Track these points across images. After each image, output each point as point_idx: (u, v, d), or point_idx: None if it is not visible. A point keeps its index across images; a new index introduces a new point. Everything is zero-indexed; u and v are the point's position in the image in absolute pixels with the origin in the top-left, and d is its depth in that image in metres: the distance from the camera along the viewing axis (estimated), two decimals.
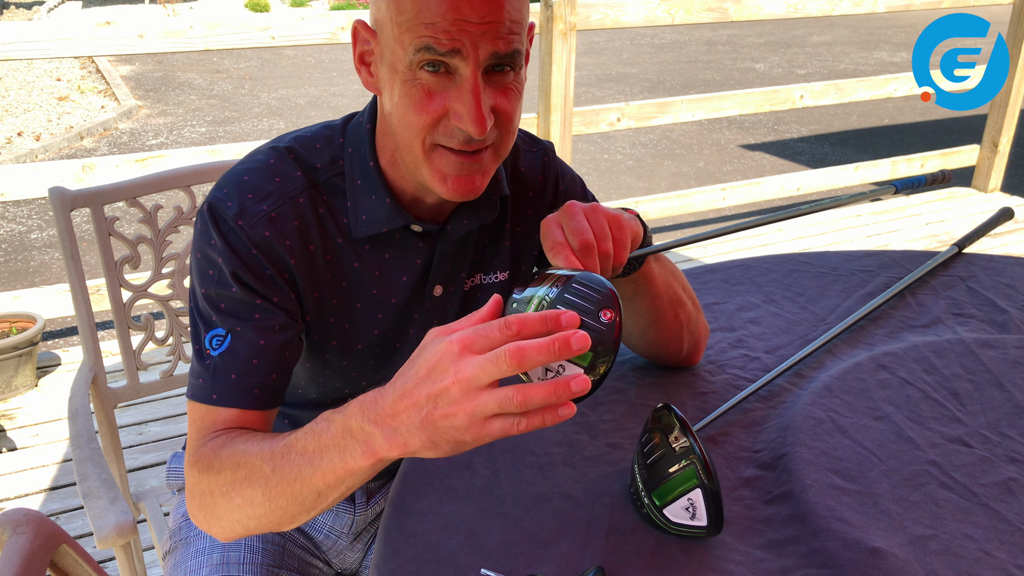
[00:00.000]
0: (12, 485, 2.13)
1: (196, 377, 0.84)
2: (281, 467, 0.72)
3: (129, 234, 1.38)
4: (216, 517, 0.79)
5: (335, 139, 0.89)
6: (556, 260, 0.75)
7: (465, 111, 0.75)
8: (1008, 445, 0.88)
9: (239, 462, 0.76)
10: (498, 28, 0.73)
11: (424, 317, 0.95)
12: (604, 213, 0.80)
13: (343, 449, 0.67)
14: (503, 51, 0.75)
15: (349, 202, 0.87)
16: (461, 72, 0.75)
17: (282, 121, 6.90)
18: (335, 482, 0.69)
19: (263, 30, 2.70)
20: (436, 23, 0.72)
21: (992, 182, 4.37)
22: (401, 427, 0.63)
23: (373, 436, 0.65)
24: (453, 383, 0.60)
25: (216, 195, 0.85)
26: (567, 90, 3.13)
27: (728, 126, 6.72)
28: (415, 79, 0.76)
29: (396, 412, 0.63)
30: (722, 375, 1.03)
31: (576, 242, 0.76)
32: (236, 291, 0.82)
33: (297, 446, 0.71)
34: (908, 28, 12.28)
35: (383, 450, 0.65)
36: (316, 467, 0.69)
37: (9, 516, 0.67)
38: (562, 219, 0.78)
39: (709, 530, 0.73)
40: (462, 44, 0.73)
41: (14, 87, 7.91)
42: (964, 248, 1.37)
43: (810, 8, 3.61)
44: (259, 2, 12.81)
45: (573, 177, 1.03)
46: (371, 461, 0.66)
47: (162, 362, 2.20)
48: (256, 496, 0.73)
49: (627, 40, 11.11)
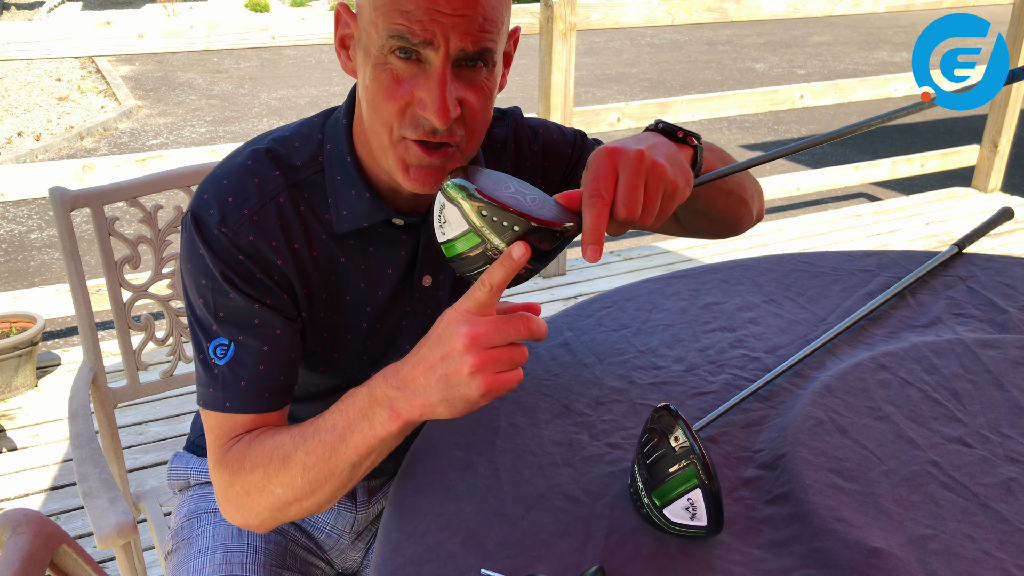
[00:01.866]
0: (12, 485, 2.13)
1: (205, 387, 0.84)
2: (314, 449, 0.76)
3: (129, 234, 1.38)
4: (255, 512, 0.81)
5: (314, 135, 0.89)
6: (587, 211, 0.71)
7: (429, 99, 0.75)
8: (1008, 445, 0.88)
9: (271, 456, 0.79)
10: (470, 22, 0.73)
11: (416, 308, 0.95)
12: (666, 181, 0.74)
13: (371, 417, 0.73)
14: (472, 48, 0.75)
15: (330, 198, 0.87)
16: (431, 61, 0.75)
17: (282, 121, 6.90)
18: (367, 452, 0.74)
19: (263, 30, 2.70)
20: (410, 11, 0.73)
21: (992, 182, 4.37)
22: (420, 388, 0.70)
23: (396, 400, 0.71)
24: (465, 344, 0.67)
25: (197, 203, 0.85)
26: (567, 90, 3.13)
27: (728, 126, 6.72)
28: (386, 64, 0.76)
29: (414, 376, 0.70)
30: (722, 375, 1.03)
31: (622, 214, 0.72)
32: (233, 297, 0.82)
33: (326, 425, 0.76)
34: (908, 28, 12.27)
35: (406, 411, 0.71)
36: (348, 440, 0.74)
37: (9, 516, 0.67)
38: (621, 169, 0.73)
39: (709, 530, 0.73)
40: (434, 35, 0.73)
41: (14, 87, 7.90)
42: (964, 248, 1.37)
43: (810, 8, 3.61)
44: (259, 2, 12.81)
45: (545, 126, 1.02)
46: (397, 424, 0.72)
47: (162, 362, 2.19)
48: (296, 481, 0.77)
49: (627, 40, 11.11)
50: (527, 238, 0.69)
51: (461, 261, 0.72)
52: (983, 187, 4.39)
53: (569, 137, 1.03)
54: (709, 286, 1.29)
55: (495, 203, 0.69)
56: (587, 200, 0.71)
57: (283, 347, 0.84)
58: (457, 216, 0.70)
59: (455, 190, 0.70)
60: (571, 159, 1.03)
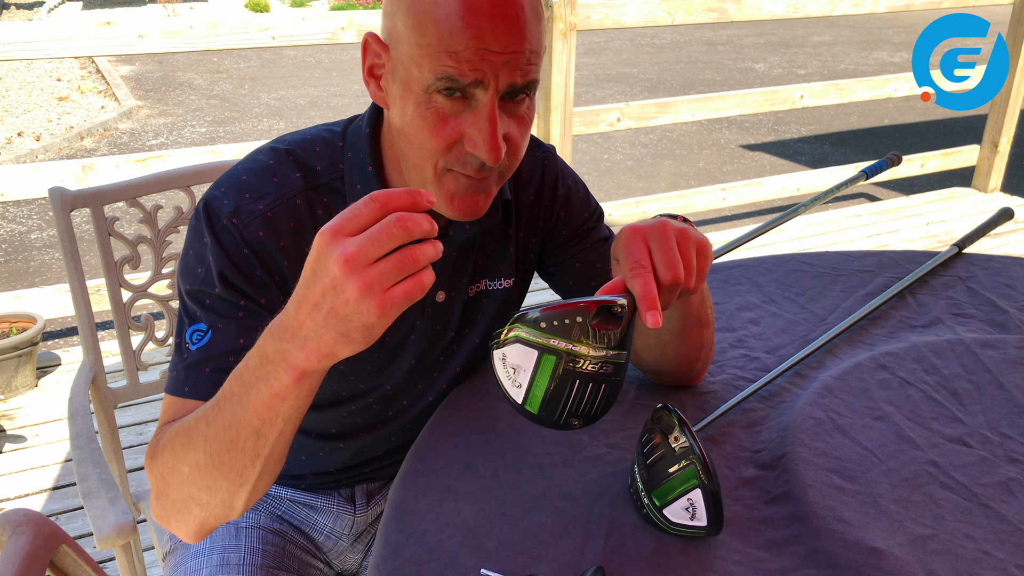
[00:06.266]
0: (12, 485, 2.13)
1: (172, 370, 0.82)
2: (215, 419, 0.70)
3: (129, 234, 1.38)
4: (171, 501, 0.76)
5: (335, 142, 0.89)
6: (635, 284, 0.69)
7: (481, 139, 0.74)
8: (1008, 445, 0.88)
9: (178, 431, 0.74)
10: (519, 58, 0.73)
11: (426, 323, 0.95)
12: (694, 240, 0.75)
13: (266, 376, 0.66)
14: (521, 82, 0.74)
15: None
16: (479, 99, 0.75)
17: (282, 121, 6.90)
18: (269, 415, 0.67)
19: (263, 30, 2.70)
20: (459, 52, 0.71)
21: (992, 182, 4.37)
22: (310, 333, 0.62)
23: (288, 351, 0.64)
24: (340, 268, 0.59)
25: (213, 193, 0.85)
26: (567, 90, 3.13)
27: (728, 126, 6.72)
28: (430, 102, 0.75)
29: (300, 321, 0.62)
30: (722, 375, 1.03)
31: (668, 277, 0.71)
32: (219, 291, 0.81)
33: (225, 393, 0.70)
34: (908, 28, 12.27)
35: (301, 361, 0.64)
36: (246, 404, 0.68)
37: (9, 516, 0.67)
38: (651, 238, 0.73)
39: (709, 530, 0.73)
40: (484, 74, 0.72)
41: (14, 87, 7.91)
42: (964, 248, 1.37)
43: (810, 8, 3.61)
44: (259, 2, 12.81)
45: (575, 181, 1.03)
46: (293, 377, 0.65)
47: (162, 362, 2.20)
48: (200, 458, 0.71)
49: (627, 40, 11.11)
50: (592, 326, 0.65)
51: (555, 400, 0.65)
52: (983, 187, 4.39)
53: (591, 206, 1.03)
54: (709, 286, 1.29)
55: (548, 309, 0.65)
56: (630, 274, 0.71)
57: None
58: (520, 350, 0.66)
59: (506, 330, 0.66)
60: (583, 225, 1.02)
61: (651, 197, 3.75)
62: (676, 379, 0.99)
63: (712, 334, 0.95)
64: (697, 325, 0.90)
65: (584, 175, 5.28)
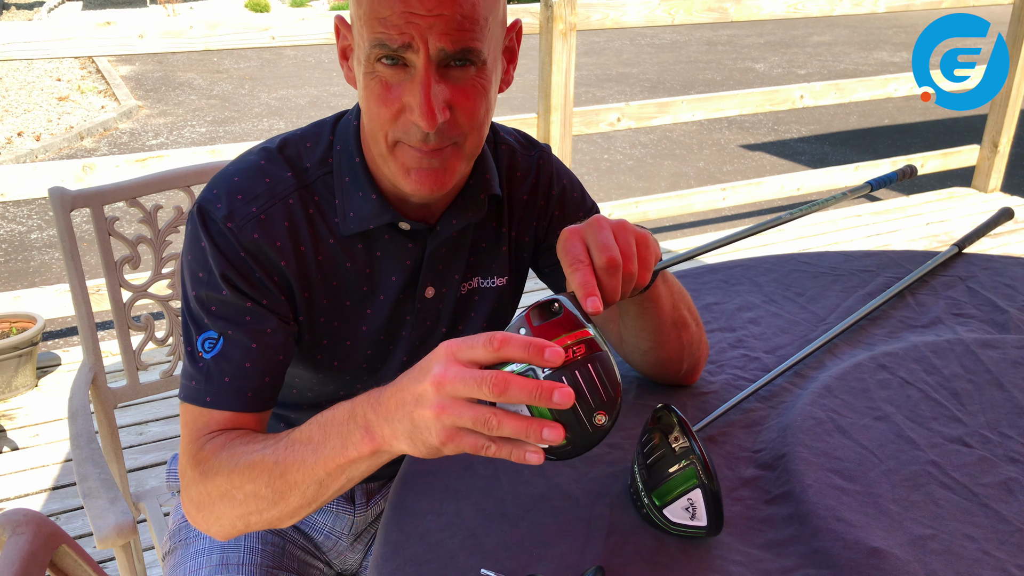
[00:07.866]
0: (12, 485, 2.13)
1: (189, 379, 0.83)
2: (284, 458, 0.73)
3: (129, 234, 1.38)
4: (216, 517, 0.79)
5: (325, 136, 0.89)
6: (573, 278, 0.69)
7: (415, 103, 0.75)
8: (1008, 445, 0.88)
9: (239, 460, 0.76)
10: (447, 22, 0.73)
11: (416, 319, 0.95)
12: (632, 231, 0.75)
13: (345, 435, 0.69)
14: (452, 48, 0.74)
15: (337, 199, 0.87)
16: (414, 65, 0.75)
17: (282, 121, 6.90)
18: (336, 471, 0.70)
19: (263, 30, 2.70)
20: (387, 17, 0.73)
21: (992, 182, 4.37)
22: (394, 419, 0.65)
23: (373, 423, 0.67)
24: (431, 384, 0.61)
25: (206, 196, 0.85)
26: (567, 90, 3.13)
27: (728, 126, 6.72)
28: (374, 72, 0.77)
29: (392, 405, 0.65)
30: (722, 375, 1.03)
31: (602, 259, 0.71)
32: (226, 294, 0.82)
33: (301, 436, 0.73)
34: (908, 28, 12.27)
35: (379, 437, 0.67)
36: (319, 454, 0.70)
37: (9, 516, 0.67)
38: (587, 233, 0.73)
39: (709, 530, 0.73)
40: (411, 38, 0.73)
41: (14, 87, 7.91)
42: (964, 248, 1.37)
43: (810, 8, 3.61)
44: (259, 2, 12.81)
45: (570, 181, 1.02)
46: (370, 447, 0.68)
47: (162, 362, 2.20)
48: (260, 489, 0.74)
49: (627, 40, 11.11)
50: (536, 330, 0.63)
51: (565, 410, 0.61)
52: (983, 187, 4.39)
53: (587, 205, 1.03)
54: (709, 286, 1.29)
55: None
56: (569, 269, 0.71)
57: (272, 347, 0.84)
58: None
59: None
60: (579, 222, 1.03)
61: (651, 197, 3.75)
62: (668, 379, 1.01)
63: (693, 335, 0.95)
64: (673, 328, 0.91)
65: (584, 175, 5.28)
